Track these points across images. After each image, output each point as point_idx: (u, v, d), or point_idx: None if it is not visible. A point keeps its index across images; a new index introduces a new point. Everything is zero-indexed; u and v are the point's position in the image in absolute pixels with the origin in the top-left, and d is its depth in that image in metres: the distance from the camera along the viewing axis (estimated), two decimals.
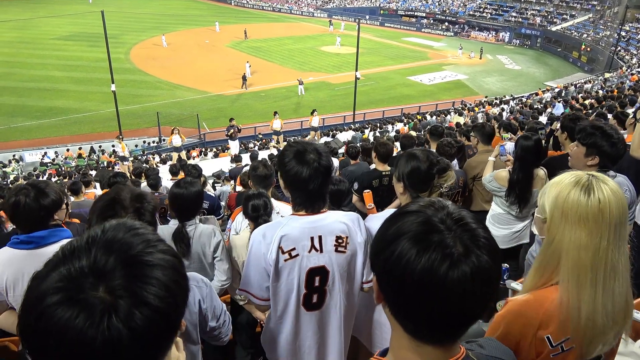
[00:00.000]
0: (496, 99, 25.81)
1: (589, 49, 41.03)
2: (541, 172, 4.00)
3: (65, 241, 2.21)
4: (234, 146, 19.62)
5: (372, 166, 5.73)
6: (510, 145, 4.62)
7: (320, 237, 2.23)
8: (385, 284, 1.06)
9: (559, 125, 4.81)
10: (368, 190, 3.39)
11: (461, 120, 18.98)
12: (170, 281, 0.88)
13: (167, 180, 8.39)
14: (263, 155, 12.64)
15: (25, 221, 2.54)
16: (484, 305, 1.03)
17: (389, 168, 4.68)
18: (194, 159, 17.93)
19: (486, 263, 0.98)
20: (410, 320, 1.05)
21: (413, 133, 13.55)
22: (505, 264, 2.80)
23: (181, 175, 8.19)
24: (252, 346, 3.55)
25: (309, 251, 2.22)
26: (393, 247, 1.02)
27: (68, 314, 0.78)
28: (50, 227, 2.59)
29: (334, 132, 20.06)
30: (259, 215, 3.29)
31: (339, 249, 2.26)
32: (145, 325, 0.81)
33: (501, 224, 4.35)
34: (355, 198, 4.98)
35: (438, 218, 1.03)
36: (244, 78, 32.11)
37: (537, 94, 26.45)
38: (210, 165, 15.12)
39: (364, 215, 2.60)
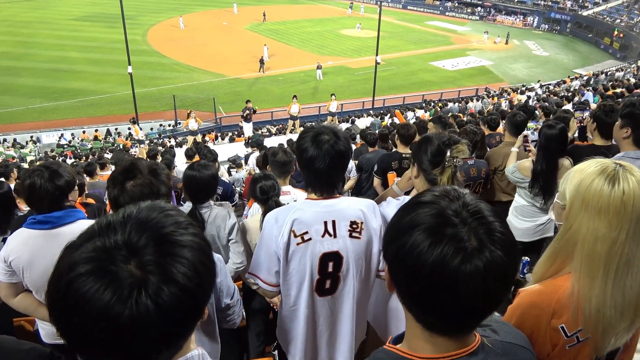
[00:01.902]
0: (523, 86, 24.95)
1: (621, 35, 39.55)
2: (567, 161, 3.83)
3: (81, 221, 2.63)
4: (248, 128, 19.59)
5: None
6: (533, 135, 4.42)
7: (334, 222, 2.21)
8: (396, 273, 1.07)
9: (586, 114, 4.60)
10: (393, 172, 3.50)
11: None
12: (199, 262, 0.89)
13: (182, 164, 8.41)
14: (280, 140, 12.52)
15: (41, 202, 2.59)
16: (497, 301, 1.02)
17: (410, 150, 4.57)
18: (212, 143, 17.83)
19: (499, 259, 0.96)
20: (421, 310, 1.05)
21: None
22: (526, 257, 2.71)
23: (196, 158, 8.12)
24: (264, 333, 3.58)
25: (322, 236, 2.20)
26: (406, 237, 1.00)
27: (97, 286, 0.80)
28: (65, 207, 2.67)
29: (353, 117, 19.73)
30: (268, 197, 3.30)
31: (354, 234, 2.23)
32: (172, 302, 0.83)
33: (524, 216, 4.22)
34: (376, 181, 5.05)
35: (452, 210, 1.01)
36: (262, 61, 31.80)
37: (564, 82, 25.46)
38: (226, 149, 14.92)
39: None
